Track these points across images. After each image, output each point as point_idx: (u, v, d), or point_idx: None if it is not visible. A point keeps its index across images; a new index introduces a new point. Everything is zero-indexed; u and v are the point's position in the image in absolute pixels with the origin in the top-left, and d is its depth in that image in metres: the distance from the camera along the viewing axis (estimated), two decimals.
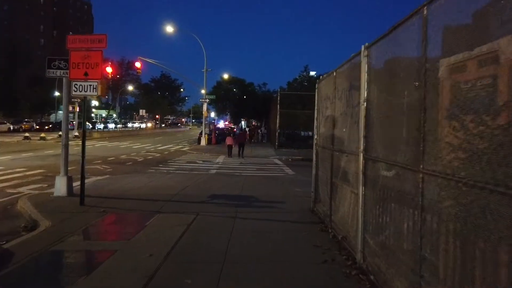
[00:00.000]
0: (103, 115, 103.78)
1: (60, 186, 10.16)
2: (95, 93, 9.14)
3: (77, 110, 40.54)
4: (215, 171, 17.46)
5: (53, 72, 10.34)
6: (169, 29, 34.60)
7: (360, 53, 5.23)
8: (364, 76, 5.04)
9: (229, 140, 24.63)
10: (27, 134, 35.20)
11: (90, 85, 9.10)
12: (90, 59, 9.06)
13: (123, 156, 23.68)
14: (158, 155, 25.55)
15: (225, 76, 61.29)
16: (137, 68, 33.95)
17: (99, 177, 14.43)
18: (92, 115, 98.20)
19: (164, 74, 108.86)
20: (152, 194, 10.76)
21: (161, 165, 19.16)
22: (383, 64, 4.28)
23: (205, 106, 36.35)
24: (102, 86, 10.32)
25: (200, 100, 37.25)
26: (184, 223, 7.48)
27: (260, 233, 6.94)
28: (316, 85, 8.86)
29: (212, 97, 39.95)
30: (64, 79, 10.27)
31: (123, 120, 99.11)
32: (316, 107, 8.85)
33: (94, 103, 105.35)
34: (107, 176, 14.99)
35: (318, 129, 8.69)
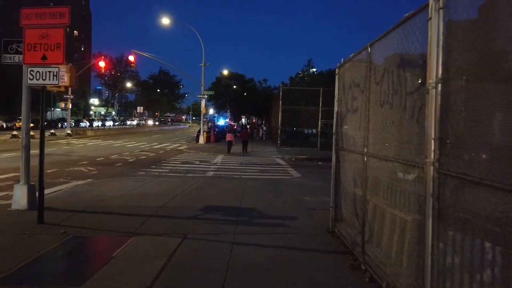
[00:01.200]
0: (102, 112, 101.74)
1: (19, 197, 8.28)
2: (55, 82, 7.20)
3: (70, 106, 38.62)
4: (212, 173, 15.59)
5: (10, 58, 8.49)
6: (165, 21, 32.69)
7: (426, 7, 3.32)
8: (436, 42, 3.13)
9: (229, 136, 24.59)
10: (15, 133, 33.22)
11: (50, 72, 7.18)
12: (49, 38, 7.16)
13: (114, 156, 21.78)
14: (153, 154, 23.68)
15: (225, 72, 59.59)
16: (131, 62, 32.06)
17: (80, 182, 12.60)
18: (91, 112, 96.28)
19: (163, 70, 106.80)
20: (134, 205, 8.90)
21: (153, 167, 17.28)
22: None
23: (203, 103, 34.37)
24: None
25: (198, 96, 35.28)
26: (164, 253, 5.58)
27: (266, 273, 4.99)
28: (337, 70, 6.90)
29: (211, 93, 37.91)
30: (23, 67, 8.35)
31: (121, 118, 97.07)
32: (336, 98, 6.91)
33: (93, 100, 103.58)
34: (90, 180, 13.14)
35: (339, 126, 6.75)
